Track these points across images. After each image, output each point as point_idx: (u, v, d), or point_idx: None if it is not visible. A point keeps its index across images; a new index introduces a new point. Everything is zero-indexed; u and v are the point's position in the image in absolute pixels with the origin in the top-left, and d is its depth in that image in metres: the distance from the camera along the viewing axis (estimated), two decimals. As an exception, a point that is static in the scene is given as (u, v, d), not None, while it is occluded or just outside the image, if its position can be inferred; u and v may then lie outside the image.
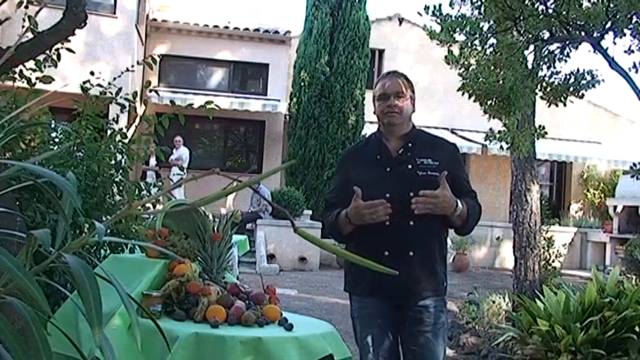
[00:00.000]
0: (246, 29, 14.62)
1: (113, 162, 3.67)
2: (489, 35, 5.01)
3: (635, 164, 5.15)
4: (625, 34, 4.68)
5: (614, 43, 5.07)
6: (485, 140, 5.56)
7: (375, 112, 2.69)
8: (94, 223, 0.97)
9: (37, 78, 3.61)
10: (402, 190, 2.48)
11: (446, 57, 5.30)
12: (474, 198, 2.61)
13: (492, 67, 5.07)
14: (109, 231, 3.26)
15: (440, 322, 2.54)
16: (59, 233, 1.01)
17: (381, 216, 2.39)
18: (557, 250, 8.76)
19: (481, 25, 4.99)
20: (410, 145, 2.59)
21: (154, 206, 4.25)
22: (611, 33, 4.65)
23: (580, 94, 5.13)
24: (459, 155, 2.74)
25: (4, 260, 0.85)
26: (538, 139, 5.95)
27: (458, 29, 5.09)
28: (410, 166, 2.54)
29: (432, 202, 2.39)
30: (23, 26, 3.24)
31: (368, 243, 2.50)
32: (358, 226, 2.49)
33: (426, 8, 5.17)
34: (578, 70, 5.06)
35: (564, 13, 4.60)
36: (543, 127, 5.62)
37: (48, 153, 2.77)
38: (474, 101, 5.17)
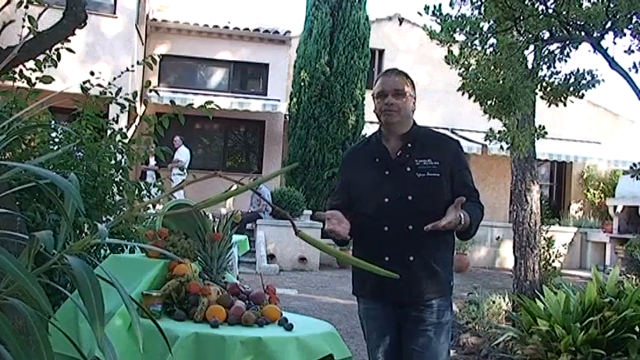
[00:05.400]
0: (246, 29, 14.61)
1: (113, 162, 3.67)
2: (489, 35, 5.01)
3: (635, 164, 5.14)
4: (625, 34, 4.67)
5: (614, 43, 5.07)
6: (485, 140, 5.55)
7: (374, 111, 2.62)
8: (97, 225, 0.96)
9: (37, 78, 3.61)
10: (400, 193, 2.44)
11: (446, 57, 5.30)
12: (476, 199, 2.54)
13: (492, 67, 5.06)
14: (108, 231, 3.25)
15: (443, 321, 2.48)
16: (61, 235, 1.01)
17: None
18: (557, 250, 8.76)
19: (481, 25, 4.98)
20: (409, 145, 2.52)
21: (154, 206, 4.25)
22: (611, 33, 4.65)
23: (580, 94, 5.12)
24: (462, 153, 2.64)
25: (7, 262, 0.85)
26: (538, 139, 5.94)
27: (458, 29, 5.08)
28: (409, 169, 2.48)
29: (438, 229, 2.34)
30: (23, 26, 3.24)
31: (368, 248, 2.48)
32: (358, 231, 2.46)
33: (426, 8, 5.16)
34: (578, 70, 5.06)
35: (564, 13, 4.60)
36: (543, 127, 5.61)
37: (49, 155, 2.76)
38: (474, 101, 5.17)
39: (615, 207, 14.29)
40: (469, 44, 5.11)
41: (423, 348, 2.45)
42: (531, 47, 5.01)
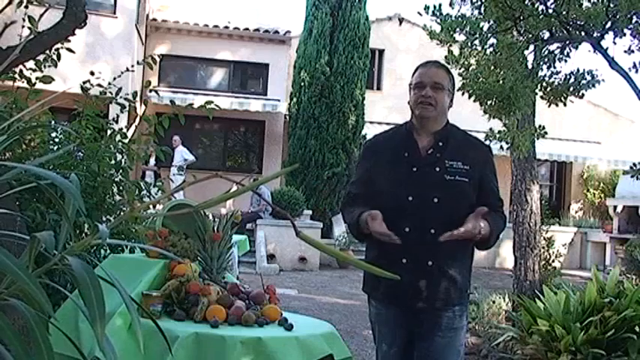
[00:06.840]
0: (246, 29, 14.61)
1: (113, 162, 3.67)
2: (489, 35, 5.02)
3: (635, 164, 5.14)
4: (625, 34, 4.68)
5: (614, 43, 5.07)
6: (486, 140, 5.55)
7: (408, 102, 2.48)
8: (97, 225, 0.96)
9: (37, 78, 3.61)
10: (426, 194, 2.35)
11: (446, 57, 5.30)
12: (500, 208, 2.48)
13: (492, 67, 5.07)
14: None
15: (458, 327, 2.43)
16: (62, 235, 1.01)
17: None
18: (557, 250, 8.75)
19: (481, 25, 4.99)
20: (441, 144, 2.41)
21: (154, 207, 4.25)
22: (611, 33, 4.65)
23: (580, 94, 5.13)
24: (492, 159, 2.55)
25: (8, 263, 0.85)
26: (538, 139, 5.95)
27: (458, 29, 5.09)
28: (438, 169, 2.37)
29: (457, 237, 2.25)
30: (23, 26, 3.24)
31: (387, 249, 2.36)
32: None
33: (426, 8, 5.17)
34: (578, 70, 5.06)
35: (564, 13, 4.61)
36: (543, 127, 5.62)
37: (50, 155, 2.76)
38: (474, 101, 5.17)
39: (615, 207, 14.29)
40: (469, 44, 5.12)
41: (437, 354, 2.41)
42: (531, 47, 5.02)
